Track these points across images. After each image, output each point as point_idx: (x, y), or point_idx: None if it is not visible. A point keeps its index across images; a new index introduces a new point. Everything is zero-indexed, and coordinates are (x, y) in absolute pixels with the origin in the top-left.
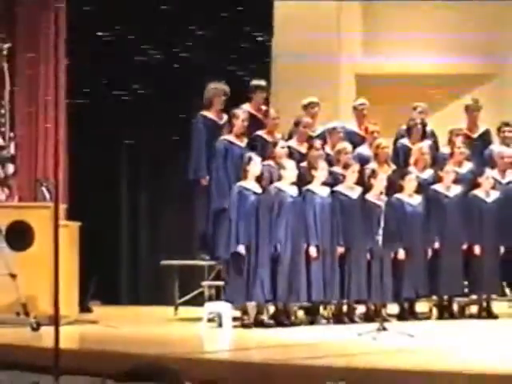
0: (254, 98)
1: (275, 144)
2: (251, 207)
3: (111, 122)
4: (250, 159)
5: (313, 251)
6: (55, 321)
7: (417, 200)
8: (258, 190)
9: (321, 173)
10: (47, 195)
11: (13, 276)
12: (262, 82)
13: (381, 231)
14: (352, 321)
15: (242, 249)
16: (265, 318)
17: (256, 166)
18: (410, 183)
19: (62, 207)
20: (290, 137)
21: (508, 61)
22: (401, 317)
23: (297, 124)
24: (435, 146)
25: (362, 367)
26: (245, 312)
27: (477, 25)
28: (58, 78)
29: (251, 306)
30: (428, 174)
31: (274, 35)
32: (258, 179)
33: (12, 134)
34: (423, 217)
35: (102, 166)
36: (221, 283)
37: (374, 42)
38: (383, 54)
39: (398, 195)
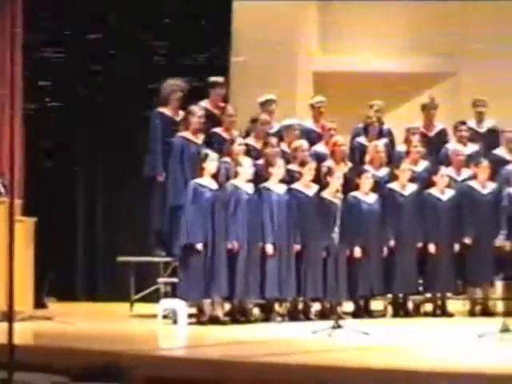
0: (212, 94)
1: (232, 141)
2: (207, 204)
3: (67, 117)
4: (206, 156)
5: (269, 248)
6: (9, 317)
7: (373, 198)
8: (214, 186)
9: (277, 170)
10: (2, 190)
11: None
12: (220, 79)
13: (337, 229)
14: (307, 318)
15: (199, 246)
16: (220, 315)
17: (212, 163)
18: (366, 181)
19: (18, 202)
20: (247, 134)
21: (464, 61)
22: (356, 314)
23: (254, 121)
24: (391, 145)
25: (318, 364)
26: (200, 309)
27: (432, 25)
28: (14, 77)
29: (207, 303)
30: (384, 172)
31: (232, 34)
32: (215, 176)
33: None
34: (379, 215)
35: (58, 162)
36: (176, 280)
37: (331, 41)
38: (341, 52)
39: (354, 193)
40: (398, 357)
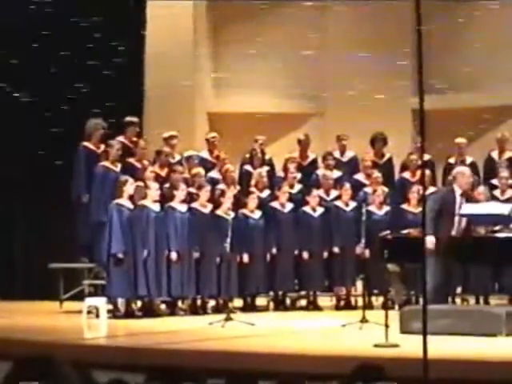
0: (127, 131)
1: (144, 169)
2: (127, 220)
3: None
4: (126, 181)
5: (173, 256)
6: None
7: (258, 214)
8: (131, 206)
9: (181, 192)
10: None
11: None
12: (134, 119)
13: (228, 240)
14: (205, 312)
15: (120, 254)
16: (134, 310)
17: (131, 186)
18: (252, 201)
19: None
20: (154, 162)
21: (328, 102)
22: (244, 309)
23: (158, 153)
24: (272, 171)
25: (213, 349)
26: (116, 306)
27: (301, 70)
28: None
29: (121, 300)
30: (266, 193)
31: (145, 75)
32: (131, 198)
33: None
34: (263, 228)
35: None
36: (98, 282)
37: (221, 87)
38: (230, 95)
39: (242, 210)
40: (279, 342)
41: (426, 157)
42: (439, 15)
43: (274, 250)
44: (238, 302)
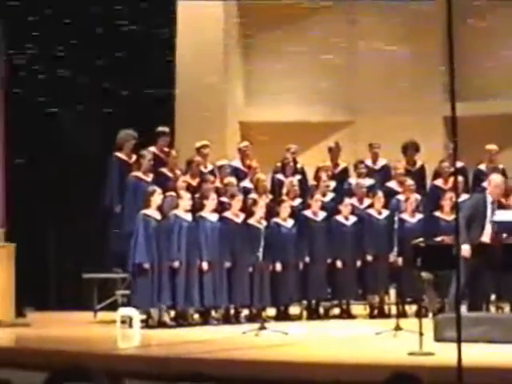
0: (159, 141)
1: (176, 179)
2: (153, 230)
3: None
4: (154, 191)
5: (205, 265)
6: None
7: (290, 223)
8: (158, 216)
9: (211, 202)
10: None
11: None
12: (166, 129)
13: (261, 249)
14: (238, 321)
15: (146, 265)
16: (167, 320)
17: (158, 197)
18: (284, 210)
19: (0, 231)
20: (186, 172)
21: (360, 110)
22: (278, 318)
23: (190, 162)
24: (304, 180)
25: (247, 359)
26: (149, 315)
27: (332, 79)
28: None
29: (154, 310)
30: (297, 202)
31: (176, 85)
32: (159, 208)
33: None
34: (296, 237)
35: (33, 196)
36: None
37: (252, 97)
38: (261, 105)
39: (275, 219)
40: (312, 351)
41: (459, 164)
42: (473, 20)
43: (307, 259)
44: (271, 311)
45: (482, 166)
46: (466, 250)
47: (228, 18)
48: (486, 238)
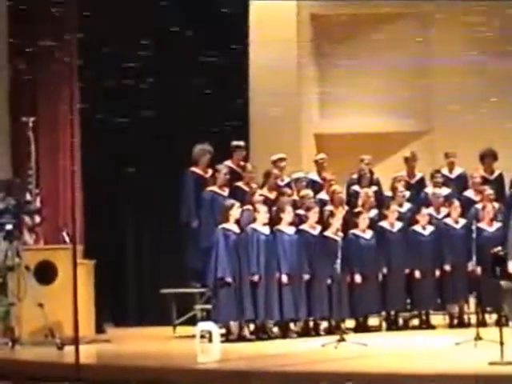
0: (234, 155)
1: (252, 193)
2: (233, 244)
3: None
4: (232, 205)
5: (284, 278)
6: (75, 341)
7: (369, 234)
8: (237, 230)
9: (288, 215)
10: (67, 239)
11: (41, 305)
12: (241, 143)
13: (339, 261)
14: (317, 334)
15: (228, 279)
16: (246, 333)
17: (237, 210)
18: (363, 221)
19: (80, 248)
20: (262, 186)
21: (436, 120)
22: (357, 330)
23: (267, 176)
24: (380, 191)
25: (327, 371)
26: (229, 329)
27: (406, 88)
28: (74, 143)
29: (234, 324)
30: (373, 213)
31: (249, 99)
32: (237, 222)
33: (37, 191)
34: (374, 248)
35: (110, 215)
36: (210, 306)
37: (327, 109)
38: (335, 116)
39: (353, 231)
40: (392, 362)
41: None
42: None
43: (385, 270)
44: (350, 323)
45: None
46: None
47: (302, 31)
48: None
